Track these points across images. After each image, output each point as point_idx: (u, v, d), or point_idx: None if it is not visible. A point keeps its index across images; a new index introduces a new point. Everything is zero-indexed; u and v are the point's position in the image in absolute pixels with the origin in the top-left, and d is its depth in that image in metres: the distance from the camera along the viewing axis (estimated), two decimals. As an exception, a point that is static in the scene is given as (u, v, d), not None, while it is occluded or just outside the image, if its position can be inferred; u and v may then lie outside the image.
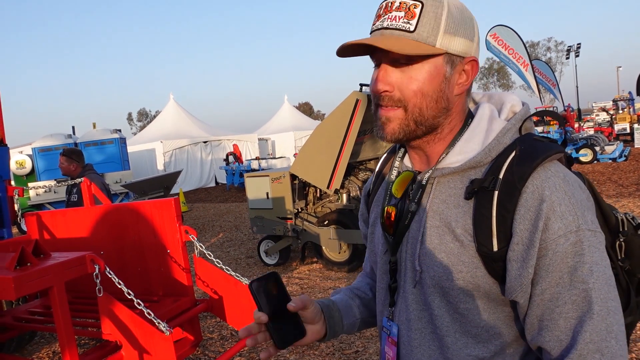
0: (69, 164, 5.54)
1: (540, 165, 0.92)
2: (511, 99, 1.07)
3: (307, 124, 29.07)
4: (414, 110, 0.98)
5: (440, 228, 0.99)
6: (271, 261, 7.39)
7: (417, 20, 0.94)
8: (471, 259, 0.95)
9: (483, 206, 0.93)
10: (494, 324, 0.97)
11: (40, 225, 3.82)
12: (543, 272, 0.89)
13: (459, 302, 0.98)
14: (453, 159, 1.01)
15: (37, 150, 15.59)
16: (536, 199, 0.90)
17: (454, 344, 1.00)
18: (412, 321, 1.05)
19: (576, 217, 0.88)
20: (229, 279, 3.06)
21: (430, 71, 0.96)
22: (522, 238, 0.90)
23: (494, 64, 73.16)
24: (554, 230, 0.88)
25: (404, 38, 0.94)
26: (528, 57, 15.97)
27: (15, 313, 3.58)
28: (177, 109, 24.58)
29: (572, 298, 0.87)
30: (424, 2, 0.95)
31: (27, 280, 2.27)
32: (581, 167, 14.98)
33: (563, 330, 0.88)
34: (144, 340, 2.51)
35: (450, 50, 0.96)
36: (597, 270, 0.87)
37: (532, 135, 1.00)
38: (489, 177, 0.94)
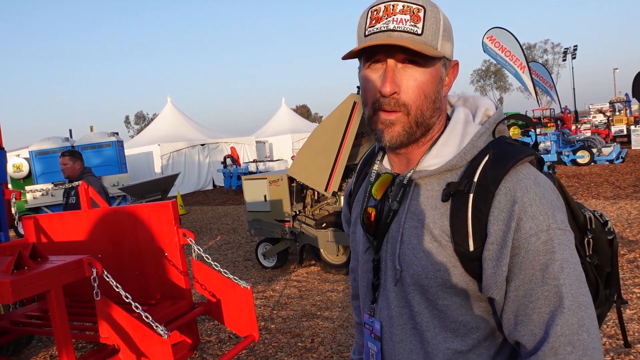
0: (74, 162, 5.51)
1: (512, 168, 0.96)
2: (485, 102, 1.11)
3: (304, 126, 29.09)
4: (417, 113, 1.00)
5: (419, 229, 1.03)
6: (269, 264, 7.38)
7: (423, 24, 0.96)
8: (449, 259, 0.99)
9: (459, 208, 0.97)
10: (471, 319, 1.01)
11: (38, 229, 3.81)
12: (517, 269, 0.93)
13: (437, 299, 1.02)
14: (430, 162, 1.04)
15: (35, 153, 15.55)
16: (509, 200, 0.94)
17: (433, 339, 1.03)
18: (394, 318, 1.09)
19: (547, 217, 0.93)
20: (227, 282, 3.05)
21: (432, 73, 0.99)
22: (496, 238, 0.94)
23: (491, 66, 73.24)
24: (525, 229, 0.92)
25: (414, 40, 0.96)
26: (525, 59, 16.01)
27: (12, 317, 3.57)
28: (175, 112, 24.57)
29: (544, 294, 0.91)
30: (425, 6, 0.97)
31: (24, 284, 2.26)
32: (578, 169, 15.02)
33: (537, 324, 0.92)
34: (142, 344, 2.50)
35: (446, 54, 1.01)
36: (567, 267, 0.91)
37: (505, 138, 1.04)
38: (464, 181, 0.98)
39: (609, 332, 4.10)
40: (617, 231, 7.35)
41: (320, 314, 5.26)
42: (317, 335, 4.68)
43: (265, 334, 4.85)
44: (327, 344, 4.46)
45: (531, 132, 14.43)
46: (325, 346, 4.42)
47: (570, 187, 11.94)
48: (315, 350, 4.37)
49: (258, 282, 6.76)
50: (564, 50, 41.57)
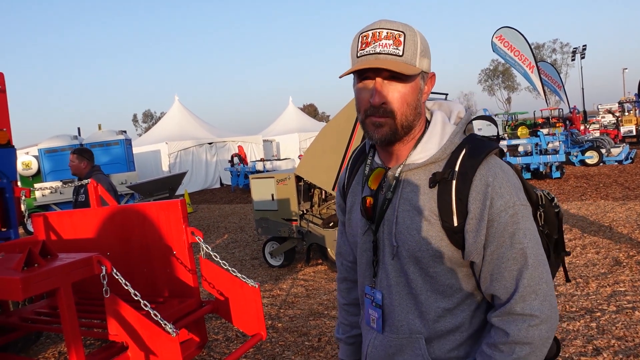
0: (80, 161, 5.54)
1: (484, 158, 1.22)
2: (457, 107, 1.37)
3: (311, 125, 29.09)
4: (401, 118, 1.24)
5: (411, 212, 1.27)
6: (276, 263, 7.39)
7: (403, 47, 1.20)
8: (437, 233, 1.23)
9: (445, 192, 1.23)
10: (456, 282, 1.27)
11: (47, 226, 3.83)
12: (491, 238, 1.20)
13: (428, 267, 1.26)
14: (417, 157, 1.29)
15: (43, 151, 15.64)
16: (483, 184, 1.20)
17: (426, 300, 1.28)
18: (392, 286, 1.33)
19: (512, 196, 1.20)
20: (235, 280, 3.06)
21: (412, 87, 1.24)
22: (475, 214, 1.20)
23: (499, 66, 72.89)
24: (497, 206, 1.19)
25: (396, 61, 1.20)
26: (534, 58, 15.94)
27: (22, 313, 3.59)
28: (182, 111, 24.64)
29: (512, 255, 1.19)
30: (405, 32, 1.21)
31: (34, 281, 2.27)
32: (587, 170, 14.93)
33: (508, 280, 1.19)
34: (150, 341, 2.51)
35: (423, 69, 1.25)
36: (529, 234, 1.20)
37: (475, 135, 1.30)
38: (447, 170, 1.23)
39: (617, 333, 4.07)
40: (626, 232, 7.29)
41: (327, 313, 5.25)
42: (324, 334, 4.68)
43: (272, 333, 4.85)
44: (334, 343, 4.46)
45: (539, 132, 14.35)
46: (332, 345, 4.42)
47: (579, 188, 11.88)
48: (322, 349, 4.37)
49: (265, 281, 6.77)
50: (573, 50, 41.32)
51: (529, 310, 1.16)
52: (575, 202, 10.20)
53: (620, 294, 4.95)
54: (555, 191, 11.81)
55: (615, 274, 5.55)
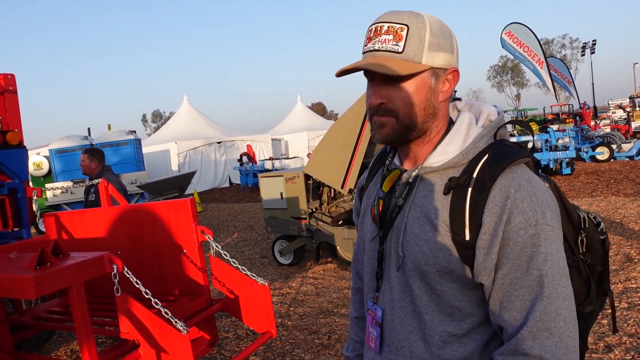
0: (90, 161, 5.60)
1: (507, 167, 1.06)
2: (488, 108, 1.22)
3: (320, 124, 29.08)
4: (404, 119, 1.12)
5: (421, 219, 1.13)
6: (285, 261, 7.41)
7: (405, 42, 1.08)
8: (447, 246, 1.08)
9: (458, 201, 1.08)
10: (467, 305, 1.11)
11: (59, 226, 3.87)
12: (505, 259, 1.03)
13: (435, 284, 1.11)
14: (434, 160, 1.15)
15: (54, 151, 15.77)
16: (503, 195, 1.04)
17: (431, 321, 1.13)
18: (395, 301, 1.19)
19: (535, 213, 1.02)
20: (245, 278, 3.07)
21: (417, 85, 1.11)
22: (489, 228, 1.04)
23: (508, 62, 72.45)
24: (515, 223, 1.02)
25: (394, 59, 1.09)
26: (543, 54, 15.83)
27: (35, 312, 3.63)
28: (191, 110, 24.72)
29: (527, 283, 1.01)
30: (409, 25, 1.09)
31: (46, 280, 2.30)
32: (598, 166, 14.81)
33: (519, 310, 1.02)
34: (161, 339, 2.53)
35: (434, 65, 1.11)
36: (550, 259, 1.01)
37: (505, 141, 1.14)
38: (464, 176, 1.09)
39: (629, 330, 4.05)
40: (637, 228, 7.24)
41: (337, 311, 5.26)
42: (333, 332, 4.69)
43: (282, 331, 4.87)
44: (344, 341, 4.47)
45: (549, 128, 14.26)
46: (342, 343, 4.43)
47: (590, 184, 11.79)
48: (332, 347, 4.38)
49: (275, 279, 6.79)
50: (583, 45, 40.94)
51: (538, 351, 0.98)
52: (586, 199, 10.13)
53: (631, 290, 4.92)
54: (565, 187, 11.74)
55: (627, 271, 5.51)
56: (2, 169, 4.40)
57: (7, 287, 2.41)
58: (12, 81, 5.73)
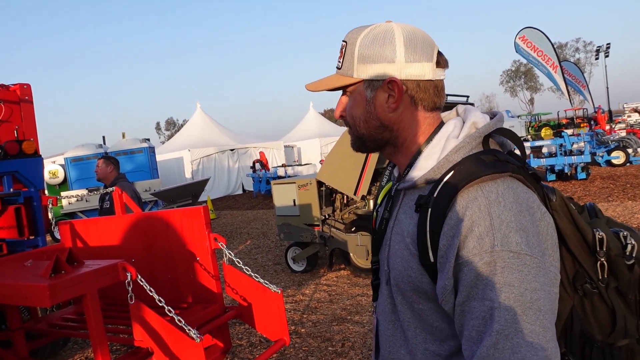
0: (107, 165, 5.65)
1: (467, 186, 0.97)
2: (473, 116, 1.11)
3: (332, 130, 29.07)
4: (356, 130, 1.16)
5: (399, 235, 1.10)
6: (298, 268, 7.39)
7: (343, 57, 1.13)
8: (418, 267, 1.03)
9: (422, 221, 1.02)
10: (447, 327, 1.04)
11: (74, 234, 3.90)
12: (461, 285, 0.95)
13: (413, 303, 1.08)
14: (414, 174, 1.10)
15: (69, 160, 15.95)
16: (457, 218, 0.96)
17: (413, 338, 1.09)
18: (387, 314, 1.17)
19: (493, 238, 0.92)
20: (258, 286, 3.07)
21: (355, 98, 1.13)
22: (444, 252, 0.97)
23: (521, 66, 72.05)
24: (469, 248, 0.93)
25: (336, 75, 1.15)
26: (557, 58, 15.72)
27: (50, 319, 3.66)
28: (204, 118, 24.87)
29: (480, 313, 0.92)
30: (347, 40, 1.12)
31: (61, 288, 2.31)
32: (613, 170, 14.63)
33: (474, 342, 0.93)
34: (175, 347, 2.53)
35: (367, 77, 1.10)
36: (507, 291, 0.89)
37: (486, 152, 1.03)
38: (428, 195, 1.02)
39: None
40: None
41: (351, 318, 5.24)
42: (347, 340, 4.67)
43: (295, 338, 4.85)
44: (358, 349, 4.44)
45: (564, 133, 14.14)
46: (356, 350, 4.40)
47: (606, 189, 11.64)
48: (346, 354, 4.35)
49: (288, 286, 6.78)
50: (597, 49, 40.61)
51: None
52: (602, 204, 10.00)
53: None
54: (581, 192, 11.61)
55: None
56: (18, 177, 4.45)
57: (23, 295, 2.43)
58: (28, 91, 5.82)
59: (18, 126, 5.70)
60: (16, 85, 5.72)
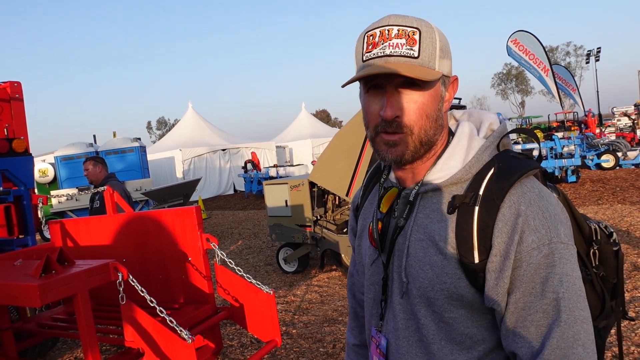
0: (95, 166, 5.62)
1: (517, 181, 0.98)
2: (489, 117, 1.13)
3: (324, 131, 29.11)
4: (420, 133, 1.02)
5: (425, 241, 1.04)
6: (290, 269, 7.38)
7: (419, 46, 0.98)
8: (454, 271, 1.00)
9: (465, 221, 0.99)
10: (477, 332, 1.02)
11: (64, 233, 3.87)
12: (517, 282, 0.94)
13: (443, 312, 1.03)
14: (435, 176, 1.06)
15: (60, 158, 15.83)
16: (513, 213, 0.95)
17: (439, 351, 1.04)
18: (400, 330, 1.10)
19: (549, 231, 0.94)
20: (250, 287, 3.06)
21: (432, 94, 1.01)
22: (499, 250, 0.95)
23: (512, 69, 72.49)
24: (528, 243, 0.94)
25: (411, 64, 0.98)
26: (548, 61, 15.84)
27: (39, 319, 3.63)
28: (196, 118, 24.79)
29: (542, 307, 0.93)
30: (420, 28, 0.98)
31: (52, 288, 2.30)
32: (603, 174, 14.75)
33: (534, 336, 0.93)
34: (166, 348, 2.52)
35: (444, 72, 1.02)
36: (567, 280, 0.93)
37: (510, 152, 1.05)
38: (469, 194, 1.00)
39: (637, 340, 4.01)
40: (645, 237, 7.19)
41: (342, 320, 5.23)
42: (338, 341, 4.66)
43: (286, 339, 4.85)
44: (349, 350, 4.43)
45: (554, 136, 14.23)
46: None
47: (595, 192, 11.73)
48: (337, 355, 4.35)
49: (279, 287, 6.77)
50: (587, 53, 40.97)
51: None
52: (592, 207, 10.08)
53: (639, 299, 4.88)
54: (571, 195, 11.69)
55: (634, 280, 5.46)
56: (8, 176, 4.41)
57: (13, 294, 2.41)
58: (18, 89, 5.77)
59: (8, 124, 5.64)
60: (6, 83, 5.67)
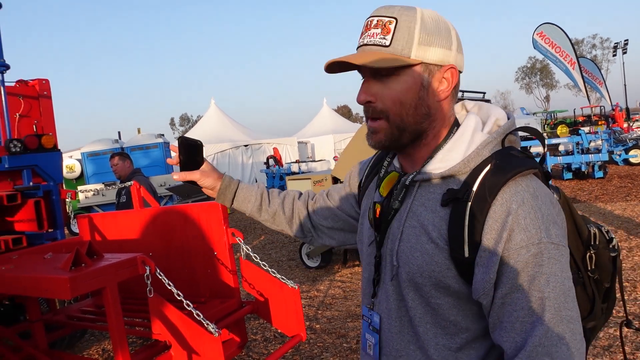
0: (123, 161, 5.71)
1: (510, 179, 0.99)
2: (497, 112, 1.14)
3: (346, 126, 29.02)
4: (395, 119, 1.07)
5: (417, 229, 1.08)
6: (313, 264, 7.39)
7: (392, 35, 1.03)
8: (444, 261, 1.03)
9: (457, 215, 1.01)
10: (462, 320, 1.06)
11: (92, 227, 3.93)
12: (505, 278, 0.97)
13: (430, 297, 1.07)
14: (435, 166, 1.09)
15: (86, 155, 16.08)
16: (504, 211, 0.98)
17: (425, 334, 1.09)
18: (392, 310, 1.15)
19: (539, 231, 0.96)
20: (275, 281, 3.06)
21: (407, 81, 1.05)
22: (488, 246, 0.98)
23: (537, 63, 71.23)
24: (516, 241, 0.96)
25: (380, 52, 1.03)
26: (575, 54, 15.53)
27: (68, 311, 3.69)
28: (219, 114, 24.93)
29: (528, 304, 0.95)
30: (397, 17, 1.03)
31: (82, 281, 2.33)
32: (631, 169, 14.44)
33: (518, 332, 0.96)
34: (193, 341, 2.54)
35: (426, 60, 1.04)
36: (554, 281, 0.95)
37: (512, 149, 1.06)
38: (464, 189, 1.02)
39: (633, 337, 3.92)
40: (676, 233, 7.02)
41: (365, 315, 5.23)
42: (362, 336, 4.66)
43: (310, 334, 4.86)
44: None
45: (581, 131, 13.96)
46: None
47: (623, 188, 11.49)
48: (361, 351, 4.34)
49: (302, 282, 6.79)
50: (614, 45, 40.04)
51: None
52: (620, 203, 9.87)
53: (670, 297, 4.77)
54: (598, 191, 11.46)
55: (665, 277, 5.35)
56: (38, 171, 4.49)
57: (43, 287, 2.46)
58: (46, 86, 5.87)
59: (37, 121, 5.76)
60: (35, 80, 5.78)
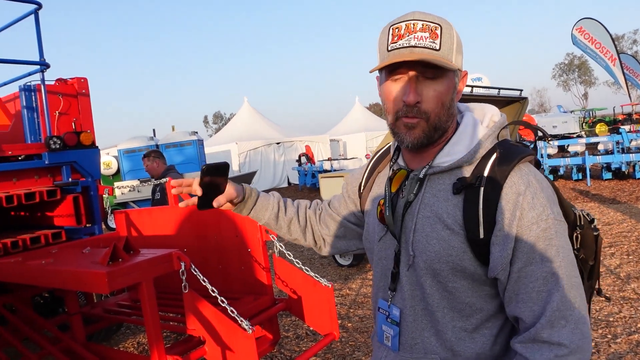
0: (152, 162, 5.81)
1: (517, 165, 1.12)
2: (491, 110, 1.26)
3: (378, 124, 28.85)
4: (435, 119, 1.15)
5: (432, 218, 1.17)
6: (345, 262, 7.37)
7: (440, 40, 1.11)
8: (460, 245, 1.13)
9: (471, 200, 1.12)
10: (477, 301, 1.17)
11: (129, 223, 4.00)
12: (519, 253, 1.08)
13: (447, 282, 1.16)
14: (442, 160, 1.20)
15: (122, 151, 16.42)
16: (514, 192, 1.09)
17: (442, 318, 1.18)
18: (407, 300, 1.24)
19: (545, 208, 1.09)
20: (309, 279, 3.05)
21: (448, 84, 1.15)
22: (503, 225, 1.09)
23: (575, 59, 69.37)
24: (528, 218, 1.08)
25: (433, 55, 1.10)
26: (616, 50, 15.07)
27: (105, 305, 3.77)
28: (251, 112, 25.12)
29: (542, 275, 1.07)
30: (441, 24, 1.12)
31: (119, 276, 2.36)
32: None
33: (535, 301, 1.07)
34: (227, 337, 2.55)
35: (459, 66, 1.17)
36: (562, 252, 1.08)
37: (508, 140, 1.21)
38: (475, 176, 1.13)
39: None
40: None
41: (398, 314, 5.18)
42: (394, 336, 4.61)
43: (342, 332, 4.84)
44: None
45: (621, 129, 13.56)
46: (404, 347, 4.34)
47: (667, 188, 11.08)
48: None
49: (334, 280, 6.77)
50: (658, 41, 38.65)
51: (556, 338, 1.04)
52: (663, 203, 9.53)
53: None
54: (639, 192, 11.09)
55: None
56: (76, 167, 4.58)
57: (82, 281, 2.51)
58: (85, 84, 5.99)
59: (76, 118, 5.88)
60: (74, 79, 5.90)
